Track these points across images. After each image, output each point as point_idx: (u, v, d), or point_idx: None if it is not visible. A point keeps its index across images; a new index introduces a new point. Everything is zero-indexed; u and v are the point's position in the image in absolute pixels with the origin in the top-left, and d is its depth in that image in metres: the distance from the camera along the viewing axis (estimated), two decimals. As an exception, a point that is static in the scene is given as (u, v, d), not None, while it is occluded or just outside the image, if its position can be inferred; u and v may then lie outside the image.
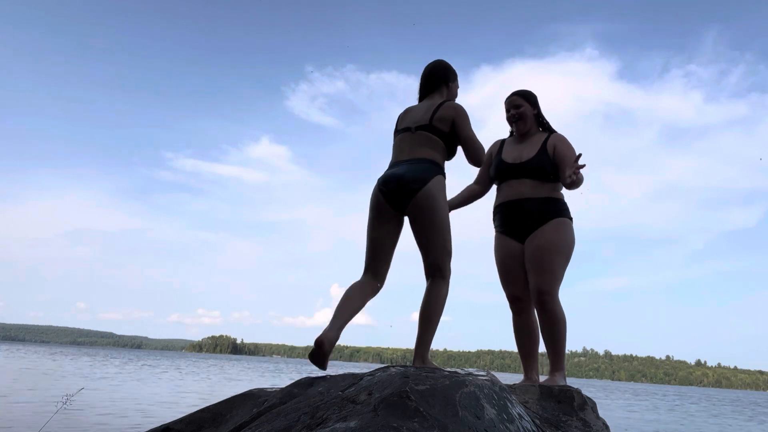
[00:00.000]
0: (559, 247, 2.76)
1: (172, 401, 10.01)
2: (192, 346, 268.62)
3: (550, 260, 2.73)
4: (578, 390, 2.47)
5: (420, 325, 2.43)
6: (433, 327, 2.41)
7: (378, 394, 1.65)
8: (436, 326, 2.43)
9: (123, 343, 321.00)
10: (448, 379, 1.76)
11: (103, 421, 6.87)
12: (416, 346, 2.43)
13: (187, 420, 2.16)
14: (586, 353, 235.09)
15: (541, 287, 2.71)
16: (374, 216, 2.53)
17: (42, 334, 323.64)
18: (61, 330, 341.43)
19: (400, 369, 1.91)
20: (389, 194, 2.47)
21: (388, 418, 1.48)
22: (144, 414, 7.86)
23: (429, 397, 1.61)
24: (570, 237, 2.81)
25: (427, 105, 2.63)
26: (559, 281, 2.77)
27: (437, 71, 2.73)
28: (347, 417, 1.56)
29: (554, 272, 2.73)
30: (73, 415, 6.80)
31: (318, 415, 1.67)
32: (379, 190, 2.51)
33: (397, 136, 2.65)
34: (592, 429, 2.25)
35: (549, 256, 2.73)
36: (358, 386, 1.81)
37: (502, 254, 2.93)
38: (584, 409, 2.35)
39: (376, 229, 2.52)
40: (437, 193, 2.43)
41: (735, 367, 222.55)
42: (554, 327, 2.73)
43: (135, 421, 7.04)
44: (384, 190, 2.49)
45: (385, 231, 2.52)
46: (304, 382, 2.13)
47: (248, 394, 2.27)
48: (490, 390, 1.82)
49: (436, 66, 2.75)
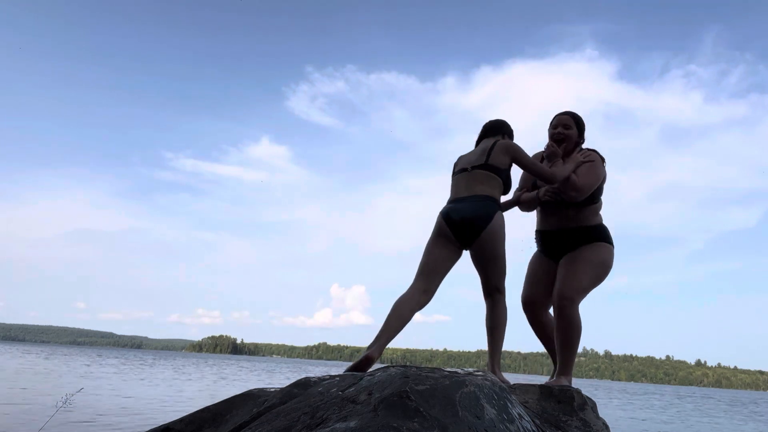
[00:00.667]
0: (593, 263, 2.78)
1: (172, 401, 10.01)
2: (192, 346, 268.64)
3: (582, 270, 2.76)
4: (578, 390, 2.47)
5: (489, 340, 2.74)
6: (502, 340, 2.74)
7: (378, 394, 1.65)
8: (503, 338, 2.74)
9: (123, 343, 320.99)
10: (448, 379, 1.76)
11: (103, 421, 6.87)
12: (489, 356, 2.75)
13: (187, 420, 2.16)
14: (586, 353, 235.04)
15: (564, 292, 2.73)
16: (435, 240, 2.75)
17: (42, 334, 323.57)
18: (61, 330, 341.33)
19: (400, 369, 1.91)
20: (455, 228, 2.69)
21: (388, 418, 1.48)
22: (144, 414, 7.86)
23: (429, 397, 1.61)
24: (606, 257, 2.83)
25: (482, 148, 2.87)
26: (584, 293, 2.79)
27: (496, 123, 3.01)
28: (347, 417, 1.56)
29: (581, 282, 2.76)
30: (73, 415, 6.80)
31: (318, 415, 1.67)
32: (445, 221, 2.72)
33: (454, 177, 2.89)
34: (592, 429, 2.25)
35: (581, 266, 2.77)
36: (358, 386, 1.81)
37: (536, 265, 3.01)
38: (584, 409, 2.35)
39: (434, 252, 2.75)
40: (499, 229, 2.68)
41: (735, 367, 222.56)
42: (569, 333, 2.74)
43: (135, 421, 7.04)
44: (450, 222, 2.70)
45: (443, 256, 2.74)
46: (304, 382, 2.13)
47: (248, 394, 2.26)
48: (490, 390, 1.82)
49: (496, 121, 3.03)
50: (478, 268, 2.77)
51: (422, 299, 2.65)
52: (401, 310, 2.57)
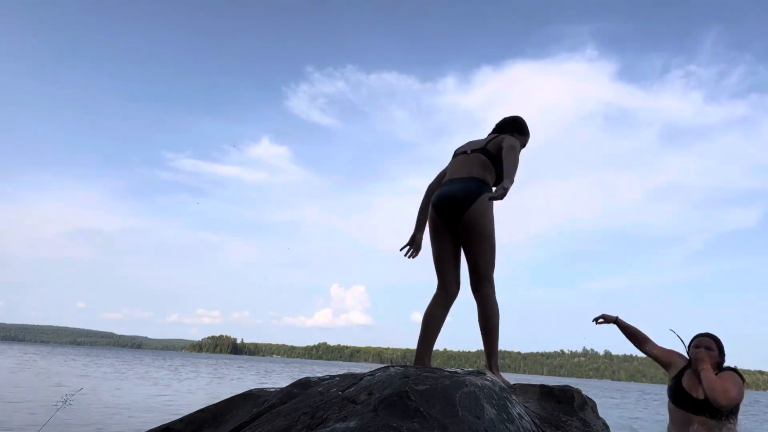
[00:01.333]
0: None
1: (171, 401, 10.01)
2: (192, 346, 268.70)
3: None
4: (578, 390, 2.47)
5: (485, 340, 2.62)
6: (497, 335, 2.64)
7: (378, 394, 1.65)
8: (498, 333, 2.63)
9: (123, 343, 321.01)
10: (448, 379, 1.76)
11: (103, 420, 6.87)
12: (486, 357, 2.65)
13: (187, 420, 2.16)
14: (586, 353, 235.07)
15: None
16: (432, 233, 2.71)
17: (42, 334, 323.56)
18: (61, 330, 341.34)
19: (400, 369, 1.91)
20: (442, 211, 2.63)
21: (388, 418, 1.48)
22: (144, 414, 7.86)
23: (429, 397, 1.61)
24: None
25: (487, 137, 2.86)
26: None
27: (507, 120, 2.97)
28: (347, 417, 1.56)
29: None
30: (73, 415, 6.79)
31: (318, 415, 1.67)
32: (433, 208, 2.69)
33: (452, 159, 2.85)
34: (592, 429, 2.24)
35: None
36: (358, 386, 1.81)
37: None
38: (584, 409, 2.35)
39: (435, 246, 2.70)
40: (487, 209, 2.59)
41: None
42: None
43: (135, 421, 7.04)
44: (437, 207, 2.65)
45: (443, 246, 2.69)
46: (304, 382, 2.13)
47: (248, 394, 2.27)
48: (490, 390, 1.82)
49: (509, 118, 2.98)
50: (467, 254, 2.65)
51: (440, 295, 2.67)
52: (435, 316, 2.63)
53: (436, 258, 2.70)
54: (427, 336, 2.60)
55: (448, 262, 2.69)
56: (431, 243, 2.73)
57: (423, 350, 2.59)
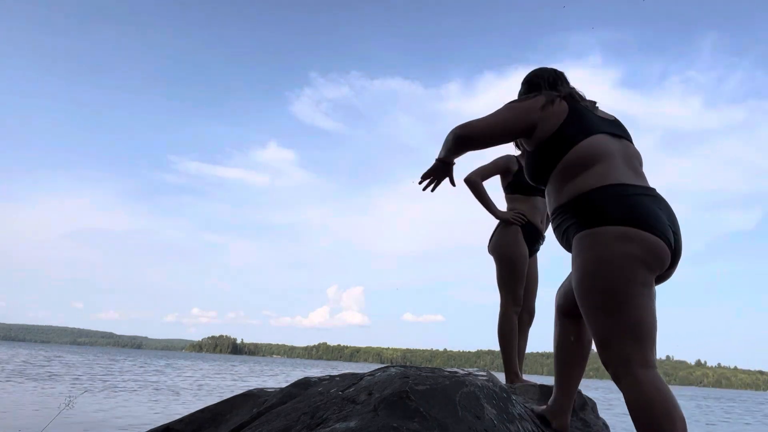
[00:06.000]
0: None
1: (171, 401, 10.01)
2: (192, 346, 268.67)
3: None
4: (578, 390, 2.46)
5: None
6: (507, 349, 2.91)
7: (378, 394, 1.65)
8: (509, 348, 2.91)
9: (123, 343, 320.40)
10: (448, 379, 1.76)
11: (103, 421, 6.87)
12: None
13: (187, 420, 2.16)
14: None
15: None
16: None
17: (42, 334, 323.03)
18: (61, 330, 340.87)
19: (400, 369, 1.91)
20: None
21: (388, 419, 1.48)
22: (144, 414, 7.86)
23: (429, 397, 1.61)
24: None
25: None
26: None
27: None
28: (347, 417, 1.56)
29: None
30: (75, 415, 6.80)
31: (318, 415, 1.67)
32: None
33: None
34: (592, 429, 2.24)
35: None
36: (358, 386, 1.81)
37: None
38: (584, 409, 2.35)
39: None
40: None
41: (735, 367, 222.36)
42: None
43: (135, 421, 7.05)
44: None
45: None
46: (304, 382, 2.13)
47: (248, 394, 2.26)
48: (490, 390, 1.82)
49: None
50: None
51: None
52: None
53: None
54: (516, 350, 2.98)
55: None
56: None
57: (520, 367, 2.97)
